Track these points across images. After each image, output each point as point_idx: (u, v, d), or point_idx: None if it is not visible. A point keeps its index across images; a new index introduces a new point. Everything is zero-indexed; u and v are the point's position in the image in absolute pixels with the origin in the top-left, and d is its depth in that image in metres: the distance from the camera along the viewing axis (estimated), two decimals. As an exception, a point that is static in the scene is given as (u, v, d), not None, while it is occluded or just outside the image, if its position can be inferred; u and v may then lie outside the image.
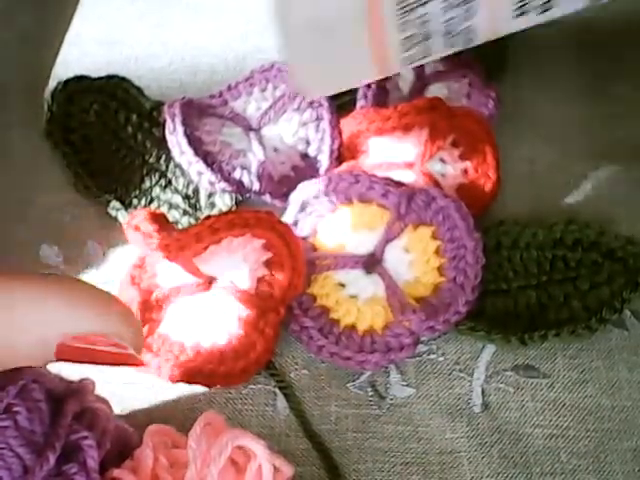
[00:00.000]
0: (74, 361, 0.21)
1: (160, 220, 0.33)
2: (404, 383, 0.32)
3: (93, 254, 0.36)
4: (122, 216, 0.36)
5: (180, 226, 0.36)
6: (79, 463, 0.25)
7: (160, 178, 0.37)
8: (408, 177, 0.35)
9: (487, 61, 0.39)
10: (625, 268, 0.33)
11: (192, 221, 0.36)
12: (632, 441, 0.31)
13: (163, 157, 0.37)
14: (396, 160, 0.36)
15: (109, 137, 0.38)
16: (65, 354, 0.21)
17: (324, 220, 0.35)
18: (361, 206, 0.34)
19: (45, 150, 0.38)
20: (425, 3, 0.25)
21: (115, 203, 0.36)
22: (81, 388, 0.27)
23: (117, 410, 0.30)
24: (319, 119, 0.37)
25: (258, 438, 0.27)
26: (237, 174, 0.36)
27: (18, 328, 0.20)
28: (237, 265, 0.33)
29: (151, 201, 0.37)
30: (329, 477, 0.30)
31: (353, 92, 0.37)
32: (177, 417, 0.31)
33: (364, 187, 0.34)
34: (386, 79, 0.37)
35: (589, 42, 0.41)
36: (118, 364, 0.21)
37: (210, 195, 0.36)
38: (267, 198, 0.36)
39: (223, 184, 0.35)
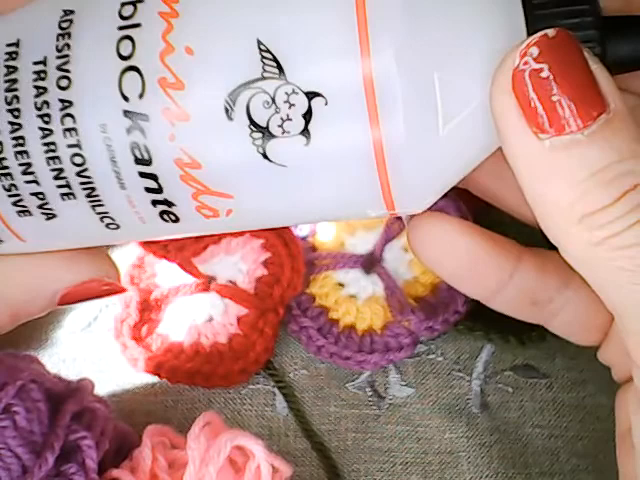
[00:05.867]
0: (73, 303, 0.24)
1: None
2: (403, 383, 0.32)
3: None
4: (121, 216, 0.36)
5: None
6: (78, 463, 0.25)
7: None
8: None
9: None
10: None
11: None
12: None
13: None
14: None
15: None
16: (65, 300, 0.23)
17: (323, 220, 0.35)
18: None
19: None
20: None
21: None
22: (80, 388, 0.27)
23: (116, 410, 0.30)
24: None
25: (257, 438, 0.27)
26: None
27: (18, 286, 0.23)
28: (236, 265, 0.33)
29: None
30: (328, 477, 0.30)
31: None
32: (176, 417, 0.31)
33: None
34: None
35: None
36: (108, 295, 0.24)
37: (209, 195, 0.36)
38: (266, 198, 0.36)
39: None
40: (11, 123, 0.19)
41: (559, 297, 0.24)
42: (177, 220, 0.20)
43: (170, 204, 0.20)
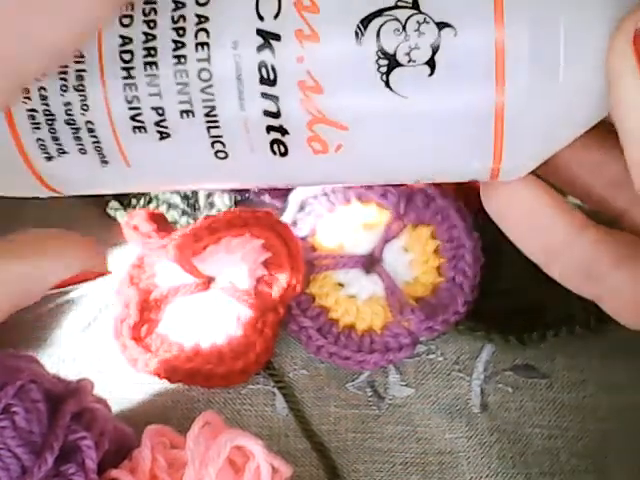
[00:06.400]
0: (61, 288, 0.25)
1: (159, 220, 0.33)
2: (403, 383, 0.32)
3: (92, 254, 0.36)
4: (121, 216, 0.36)
5: (179, 226, 0.36)
6: (77, 463, 0.25)
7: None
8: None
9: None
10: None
11: (191, 221, 0.36)
12: (632, 441, 0.31)
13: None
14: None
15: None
16: (54, 288, 0.25)
17: (323, 220, 0.35)
18: (360, 206, 0.34)
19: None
20: None
21: (114, 203, 0.36)
22: (79, 388, 0.27)
23: (115, 410, 0.30)
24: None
25: (257, 438, 0.27)
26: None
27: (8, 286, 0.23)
28: (236, 265, 0.33)
29: (150, 201, 0.37)
30: (328, 477, 0.30)
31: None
32: (176, 417, 0.31)
33: (363, 187, 0.34)
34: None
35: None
36: (96, 279, 0.26)
37: (209, 195, 0.36)
38: (266, 198, 0.36)
39: (222, 184, 0.35)
40: (145, 34, 0.20)
41: (616, 275, 0.23)
42: (285, 153, 0.21)
43: (284, 132, 0.20)
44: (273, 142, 0.20)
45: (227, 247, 0.33)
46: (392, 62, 0.19)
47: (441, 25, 0.19)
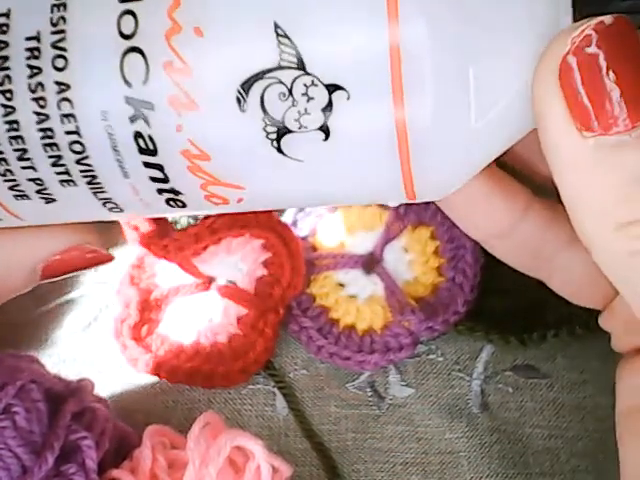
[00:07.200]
0: (58, 275, 0.22)
1: (159, 220, 0.33)
2: (403, 383, 0.32)
3: (92, 254, 0.36)
4: (121, 216, 0.36)
5: (179, 226, 0.36)
6: (78, 463, 0.25)
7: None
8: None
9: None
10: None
11: (191, 221, 0.36)
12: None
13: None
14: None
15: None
16: (49, 273, 0.22)
17: (323, 220, 0.35)
18: (360, 206, 0.34)
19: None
20: None
21: (114, 203, 0.36)
22: (80, 388, 0.27)
23: (115, 410, 0.30)
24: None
25: (257, 438, 0.27)
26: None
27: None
28: (236, 265, 0.33)
29: (150, 201, 0.36)
30: (328, 477, 0.30)
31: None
32: (176, 417, 0.31)
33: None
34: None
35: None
36: (94, 265, 0.23)
37: (209, 195, 0.36)
38: (266, 198, 0.36)
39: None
40: (4, 106, 0.18)
41: (563, 254, 0.23)
42: (184, 206, 0.19)
43: (177, 192, 0.18)
44: (169, 200, 0.19)
45: (227, 247, 0.33)
46: (281, 129, 0.17)
47: (331, 88, 0.16)
